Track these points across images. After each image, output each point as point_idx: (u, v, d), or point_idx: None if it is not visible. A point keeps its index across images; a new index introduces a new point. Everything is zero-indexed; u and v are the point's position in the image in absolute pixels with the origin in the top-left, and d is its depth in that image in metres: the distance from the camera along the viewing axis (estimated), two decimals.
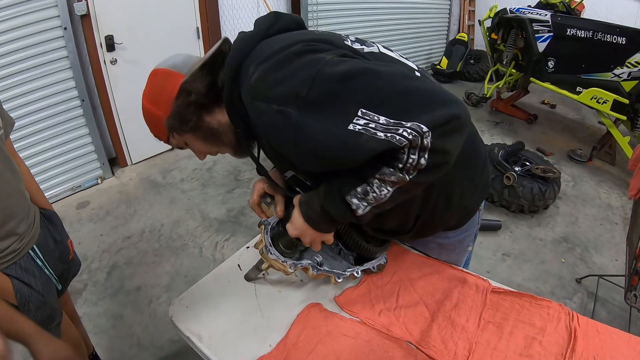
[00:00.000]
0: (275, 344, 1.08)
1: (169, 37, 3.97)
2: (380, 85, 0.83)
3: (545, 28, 4.23)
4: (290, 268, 1.13)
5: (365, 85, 0.82)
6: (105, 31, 3.50)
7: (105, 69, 3.63)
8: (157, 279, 2.75)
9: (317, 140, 0.84)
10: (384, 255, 1.28)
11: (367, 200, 0.93)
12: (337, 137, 0.82)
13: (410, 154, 0.83)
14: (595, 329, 1.09)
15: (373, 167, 0.89)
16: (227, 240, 3.12)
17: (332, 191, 0.97)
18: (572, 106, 5.65)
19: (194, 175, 4.00)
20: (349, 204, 0.95)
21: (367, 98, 0.81)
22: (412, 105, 0.82)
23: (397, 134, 0.80)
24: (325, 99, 0.83)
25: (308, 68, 0.84)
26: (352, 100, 0.82)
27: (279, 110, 0.85)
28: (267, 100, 0.87)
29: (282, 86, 0.85)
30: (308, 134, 0.84)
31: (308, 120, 0.84)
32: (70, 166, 3.63)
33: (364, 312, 1.16)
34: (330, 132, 0.83)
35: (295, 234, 1.09)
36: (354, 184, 0.93)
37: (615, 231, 3.33)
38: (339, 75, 0.83)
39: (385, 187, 0.91)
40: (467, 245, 1.38)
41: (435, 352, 1.04)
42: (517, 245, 3.14)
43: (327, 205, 0.99)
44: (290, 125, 0.85)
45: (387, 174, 0.88)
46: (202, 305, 1.21)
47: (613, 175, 4.14)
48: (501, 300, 1.19)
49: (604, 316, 2.49)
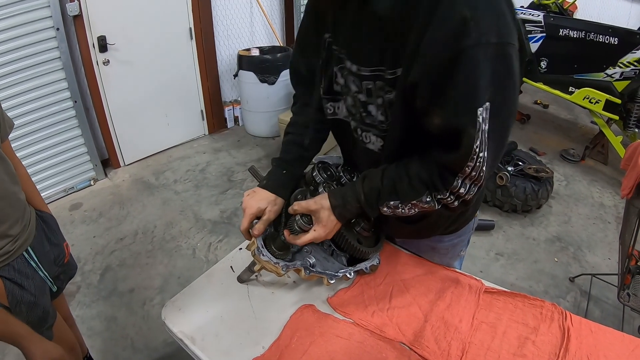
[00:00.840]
0: (268, 345, 1.07)
1: (161, 38, 3.97)
2: (507, 115, 0.84)
3: (537, 28, 4.24)
4: (282, 269, 1.13)
5: (504, 102, 0.81)
6: (98, 32, 3.50)
7: (98, 69, 3.62)
8: (150, 281, 2.74)
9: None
10: (376, 256, 1.28)
11: (394, 211, 1.01)
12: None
13: (464, 182, 0.89)
14: (588, 329, 1.09)
15: (417, 191, 0.94)
16: (221, 242, 3.12)
17: (372, 199, 1.01)
18: (565, 106, 5.67)
19: (187, 177, 4.00)
20: (379, 209, 1.02)
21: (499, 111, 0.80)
22: (501, 149, 0.87)
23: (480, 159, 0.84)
24: (496, 65, 0.77)
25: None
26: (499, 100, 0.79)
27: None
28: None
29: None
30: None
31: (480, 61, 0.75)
32: (62, 167, 3.61)
33: (357, 313, 1.16)
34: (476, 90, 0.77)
35: (323, 235, 1.09)
36: (391, 198, 0.99)
37: (608, 230, 3.35)
38: (510, 67, 0.78)
39: (414, 209, 0.98)
40: (460, 250, 1.38)
41: (429, 352, 1.03)
42: (511, 244, 3.15)
43: (367, 208, 1.04)
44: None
45: (424, 202, 0.95)
46: (194, 308, 1.21)
47: (605, 174, 4.16)
48: (494, 300, 1.19)
49: (598, 315, 2.50)
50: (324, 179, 1.24)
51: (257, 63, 4.43)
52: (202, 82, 4.60)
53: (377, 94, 0.96)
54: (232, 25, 4.69)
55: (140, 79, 3.89)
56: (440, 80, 0.78)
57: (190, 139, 4.71)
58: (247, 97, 4.67)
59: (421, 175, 0.92)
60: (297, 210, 1.12)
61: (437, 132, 0.86)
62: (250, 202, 1.21)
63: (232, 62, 4.78)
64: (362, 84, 0.98)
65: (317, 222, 1.09)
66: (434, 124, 0.85)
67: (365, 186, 1.02)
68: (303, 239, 1.09)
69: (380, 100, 0.96)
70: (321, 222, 1.08)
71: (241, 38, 4.84)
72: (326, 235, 1.09)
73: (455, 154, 0.84)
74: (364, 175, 1.04)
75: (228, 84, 4.95)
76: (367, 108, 1.01)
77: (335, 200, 1.07)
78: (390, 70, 0.89)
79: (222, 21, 4.57)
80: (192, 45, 4.35)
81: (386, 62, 0.89)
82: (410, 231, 1.25)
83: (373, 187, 1.00)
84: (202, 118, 4.79)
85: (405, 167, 0.96)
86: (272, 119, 4.63)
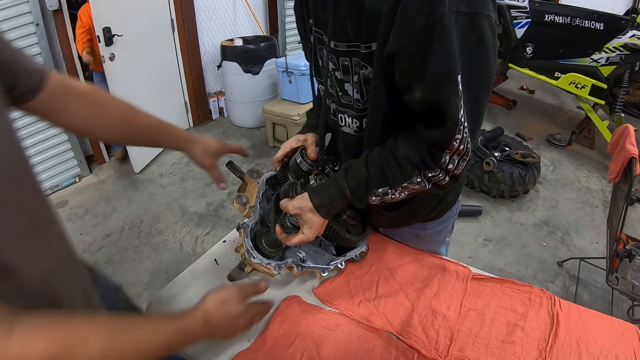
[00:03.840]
0: (254, 339, 1.05)
1: (143, 30, 3.90)
2: (479, 87, 0.82)
3: (523, 14, 4.24)
4: (274, 270, 1.10)
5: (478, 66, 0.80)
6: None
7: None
8: (138, 277, 2.71)
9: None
10: (365, 243, 1.26)
11: (383, 199, 0.98)
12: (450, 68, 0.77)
13: (452, 158, 0.88)
14: (577, 313, 1.08)
15: (407, 174, 0.92)
16: (208, 235, 3.09)
17: (359, 191, 0.99)
18: (551, 91, 5.70)
19: (172, 170, 3.96)
20: (367, 199, 1.00)
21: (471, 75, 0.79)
22: (476, 122, 0.86)
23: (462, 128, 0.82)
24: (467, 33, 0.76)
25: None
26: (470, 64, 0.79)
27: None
28: None
29: None
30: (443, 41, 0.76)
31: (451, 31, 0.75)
32: (46, 165, 3.56)
33: (343, 303, 1.14)
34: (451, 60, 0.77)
35: (312, 235, 1.06)
36: (380, 185, 0.96)
37: (595, 214, 3.37)
38: (482, 37, 0.78)
39: (404, 192, 0.96)
40: (445, 236, 1.36)
41: (417, 341, 1.02)
42: (498, 230, 3.15)
43: (354, 202, 1.01)
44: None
45: (414, 183, 0.93)
46: (179, 302, 1.18)
47: (592, 159, 4.19)
48: (482, 286, 1.18)
49: (586, 298, 2.52)
50: (309, 165, 1.21)
51: (240, 53, 4.38)
52: (186, 73, 4.55)
53: (354, 70, 0.95)
54: (215, 15, 4.63)
55: (122, 72, 3.83)
56: (416, 51, 0.77)
57: None
58: (231, 87, 4.62)
59: (409, 156, 0.90)
60: (282, 208, 1.10)
61: (420, 108, 0.85)
62: (288, 141, 1.28)
63: (216, 52, 4.73)
64: (338, 61, 0.96)
65: (303, 224, 1.06)
66: (415, 99, 0.83)
67: (350, 179, 0.99)
68: (293, 240, 1.07)
69: (356, 77, 0.96)
70: (306, 223, 1.05)
71: (224, 28, 4.78)
72: (316, 234, 1.07)
73: (442, 129, 0.82)
74: (346, 168, 1.01)
75: (212, 75, 4.90)
76: (343, 86, 1.00)
77: (320, 199, 1.03)
78: (365, 44, 0.88)
79: (205, 11, 4.51)
80: (174, 37, 4.30)
81: (361, 37, 0.88)
82: (390, 219, 1.22)
83: (360, 179, 0.97)
84: (187, 110, 4.74)
85: (389, 151, 0.94)
86: (257, 110, 4.59)
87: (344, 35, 0.91)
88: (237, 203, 1.23)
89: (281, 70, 4.14)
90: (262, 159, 4.18)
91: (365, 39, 0.88)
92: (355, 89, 0.98)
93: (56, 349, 0.63)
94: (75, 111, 1.01)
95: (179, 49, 4.36)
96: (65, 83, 1.00)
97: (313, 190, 1.06)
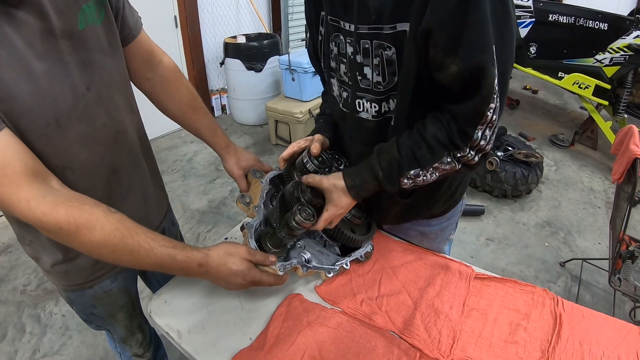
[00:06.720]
0: (255, 337, 1.05)
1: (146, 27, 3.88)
2: (507, 58, 0.84)
3: (527, 13, 4.23)
4: (279, 270, 1.09)
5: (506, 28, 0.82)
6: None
7: None
8: None
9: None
10: (370, 243, 1.25)
11: (415, 181, 0.99)
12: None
13: (484, 133, 0.89)
14: (580, 314, 1.07)
15: (437, 154, 0.94)
16: (209, 232, 3.08)
17: (392, 172, 0.99)
18: (554, 91, 5.68)
19: (174, 167, 3.95)
20: (399, 182, 1.00)
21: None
22: (505, 94, 0.88)
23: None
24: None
25: None
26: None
27: None
28: None
29: None
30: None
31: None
32: None
33: (345, 302, 1.14)
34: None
35: (336, 214, 1.08)
36: (412, 167, 0.97)
37: (598, 215, 3.36)
38: (508, 10, 0.81)
39: (435, 173, 0.98)
40: (449, 233, 1.36)
41: (419, 340, 1.01)
42: (501, 229, 3.15)
43: (386, 185, 1.02)
44: None
45: (445, 163, 0.95)
46: (180, 300, 1.18)
47: (595, 159, 4.18)
48: (485, 286, 1.18)
49: (588, 299, 2.51)
50: (316, 165, 1.20)
51: (243, 50, 4.37)
52: (189, 70, 4.54)
53: (375, 52, 0.95)
54: (218, 12, 4.63)
55: None
56: (454, 24, 0.79)
57: (177, 128, 4.64)
58: (233, 85, 4.61)
59: (439, 137, 0.92)
60: (310, 182, 1.11)
61: (454, 82, 0.86)
62: (297, 140, 1.28)
63: (219, 49, 4.72)
64: (359, 44, 0.96)
65: (329, 202, 1.08)
66: (451, 73, 0.84)
67: (382, 161, 1.00)
68: (319, 224, 1.09)
69: (376, 60, 0.96)
70: (333, 202, 1.07)
71: (227, 25, 4.78)
72: (339, 215, 1.09)
73: (476, 99, 0.83)
74: (378, 151, 1.02)
75: (214, 72, 4.89)
76: (362, 70, 1.00)
77: (352, 180, 1.05)
78: (390, 24, 0.89)
79: (208, 8, 4.50)
80: (177, 34, 4.29)
81: (384, 18, 0.89)
82: (401, 208, 1.21)
83: (391, 160, 0.98)
84: None
85: (419, 132, 0.95)
86: (259, 107, 4.58)
87: (366, 17, 0.91)
88: (240, 203, 1.21)
89: (284, 67, 4.13)
90: (265, 156, 4.17)
91: (389, 20, 0.88)
92: (376, 72, 0.98)
93: (68, 223, 0.79)
94: (148, 79, 1.22)
95: (181, 45, 4.35)
96: (152, 51, 1.22)
97: (347, 171, 1.08)
